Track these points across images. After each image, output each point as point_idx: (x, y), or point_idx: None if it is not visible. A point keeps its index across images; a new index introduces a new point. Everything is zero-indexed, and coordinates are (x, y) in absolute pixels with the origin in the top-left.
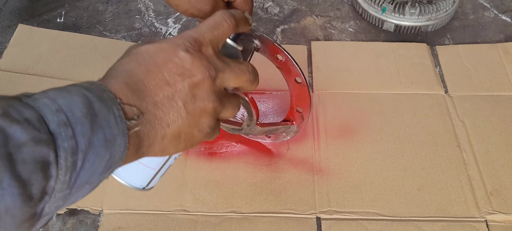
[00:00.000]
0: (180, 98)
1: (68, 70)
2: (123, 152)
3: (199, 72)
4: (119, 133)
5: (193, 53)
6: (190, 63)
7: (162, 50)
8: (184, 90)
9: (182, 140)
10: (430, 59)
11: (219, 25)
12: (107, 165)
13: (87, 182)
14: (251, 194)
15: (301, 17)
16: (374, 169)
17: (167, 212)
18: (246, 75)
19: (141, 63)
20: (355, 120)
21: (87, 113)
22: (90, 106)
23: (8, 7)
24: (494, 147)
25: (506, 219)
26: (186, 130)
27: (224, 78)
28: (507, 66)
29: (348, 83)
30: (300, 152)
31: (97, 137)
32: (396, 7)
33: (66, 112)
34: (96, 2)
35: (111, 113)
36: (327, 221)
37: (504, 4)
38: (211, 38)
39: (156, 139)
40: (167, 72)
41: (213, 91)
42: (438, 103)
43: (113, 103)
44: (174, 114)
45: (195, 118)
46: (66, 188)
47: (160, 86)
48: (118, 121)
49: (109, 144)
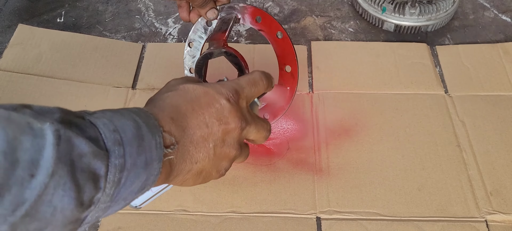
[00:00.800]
0: (212, 141)
1: (68, 70)
2: (156, 177)
3: (234, 122)
4: (157, 158)
5: (232, 103)
6: (229, 112)
7: (207, 94)
8: (218, 134)
9: (201, 177)
10: (430, 59)
11: (257, 84)
12: (142, 186)
13: (124, 199)
14: (251, 194)
15: (301, 17)
16: (374, 169)
17: (167, 212)
18: (265, 133)
19: (188, 102)
20: (355, 120)
21: (136, 136)
22: (139, 129)
23: (8, 7)
24: (494, 147)
25: (506, 219)
26: (208, 169)
27: (249, 131)
28: (507, 66)
29: (348, 83)
30: (300, 152)
31: (140, 159)
32: (396, 7)
33: (121, 133)
34: (96, 2)
35: (154, 139)
36: (327, 221)
37: (504, 4)
38: (247, 94)
39: (182, 171)
40: (208, 115)
41: (238, 140)
42: (438, 103)
43: (157, 130)
44: (204, 153)
45: (219, 161)
46: (109, 200)
47: (200, 126)
48: (158, 147)
49: (148, 167)
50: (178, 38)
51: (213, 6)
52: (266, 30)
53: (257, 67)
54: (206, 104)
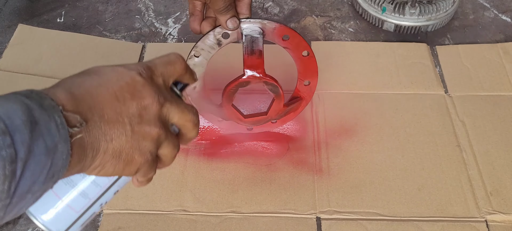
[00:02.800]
0: (127, 116)
1: (68, 70)
2: (66, 160)
3: (149, 95)
4: (61, 140)
5: (145, 77)
6: (141, 85)
7: (116, 71)
8: (132, 109)
9: (122, 160)
10: (430, 59)
11: (172, 62)
12: (50, 174)
13: (28, 192)
14: (251, 194)
15: (301, 17)
16: (374, 169)
17: (167, 212)
18: (190, 115)
19: (93, 78)
20: (355, 119)
21: (27, 121)
22: (29, 113)
23: (8, 7)
24: (494, 147)
25: (506, 219)
26: (128, 150)
27: (170, 110)
28: (507, 66)
29: (348, 83)
30: (300, 152)
31: (37, 145)
32: (396, 7)
33: (5, 120)
34: (96, 2)
35: (52, 120)
36: (327, 221)
37: (504, 4)
38: (162, 71)
39: (98, 151)
40: (118, 89)
41: (159, 117)
42: (438, 103)
43: (54, 110)
44: (119, 129)
45: (138, 140)
46: (6, 197)
47: (109, 101)
48: (60, 128)
49: (50, 152)
50: (178, 38)
51: (234, 15)
52: (292, 48)
53: None
54: (116, 79)
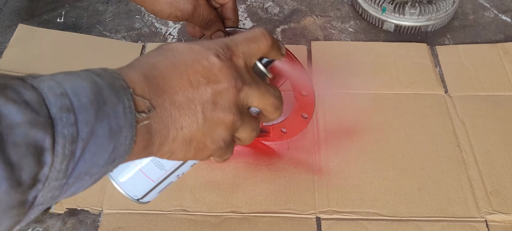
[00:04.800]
0: (200, 103)
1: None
2: (129, 146)
3: (226, 80)
4: (127, 124)
5: (223, 59)
6: (218, 68)
7: (192, 50)
8: (206, 95)
9: (192, 147)
10: (430, 59)
11: (256, 39)
12: (111, 158)
13: (87, 173)
14: (251, 194)
15: (301, 17)
16: (374, 169)
17: (167, 212)
18: (272, 98)
19: (168, 58)
20: (355, 119)
21: (94, 100)
22: (98, 93)
23: (8, 7)
24: (494, 147)
25: (506, 219)
26: (199, 137)
27: (249, 94)
28: (507, 66)
29: (348, 83)
30: (300, 152)
31: (101, 126)
32: (396, 7)
33: (71, 97)
34: (96, 2)
35: (120, 102)
36: (327, 221)
37: (504, 4)
38: (244, 50)
39: (166, 139)
40: (192, 73)
41: (235, 103)
42: (438, 103)
43: (124, 92)
44: (190, 117)
45: (211, 127)
46: (62, 177)
47: (182, 86)
48: (127, 112)
49: (113, 135)
50: (178, 38)
51: (219, 29)
52: (293, 86)
53: None
54: (191, 61)
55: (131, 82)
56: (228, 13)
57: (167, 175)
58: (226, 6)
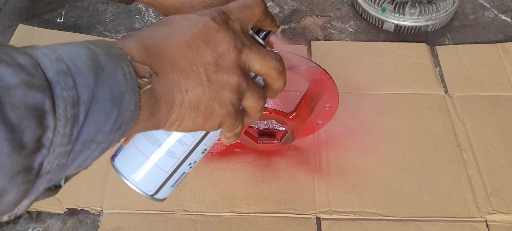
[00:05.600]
0: (201, 65)
1: None
2: (134, 112)
3: (225, 41)
4: (128, 89)
5: (219, 23)
6: (216, 31)
7: (187, 18)
8: (206, 57)
9: (200, 112)
10: (430, 59)
11: (250, 5)
12: (117, 125)
13: (92, 140)
14: (251, 194)
15: (301, 17)
16: (374, 169)
17: (167, 212)
18: (274, 61)
19: (163, 28)
20: (355, 119)
21: (92, 66)
22: (95, 59)
23: (8, 7)
24: (494, 147)
25: (506, 219)
26: (206, 101)
27: (250, 56)
28: (507, 66)
29: (348, 83)
30: (300, 152)
31: (102, 91)
32: (396, 7)
33: (67, 62)
34: (96, 2)
35: (119, 68)
36: (327, 221)
37: (504, 4)
38: (239, 16)
39: (173, 104)
40: (190, 37)
41: (238, 64)
42: (438, 103)
43: (122, 59)
44: (194, 79)
45: (217, 89)
46: (68, 142)
47: (181, 50)
48: (128, 77)
49: (116, 100)
50: None
51: None
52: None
53: None
54: (187, 27)
55: (128, 50)
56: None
57: (180, 163)
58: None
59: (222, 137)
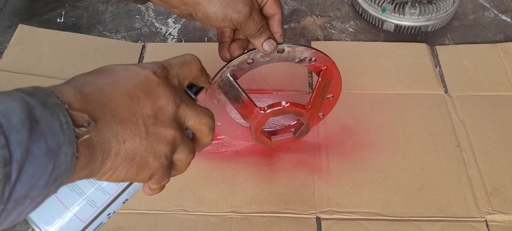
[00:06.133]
0: (141, 117)
1: (68, 70)
2: (71, 163)
3: (165, 95)
4: (66, 141)
5: (160, 77)
6: (156, 84)
7: (129, 69)
8: (146, 109)
9: (135, 164)
10: (430, 59)
11: (188, 63)
12: (52, 178)
13: (26, 197)
14: (251, 194)
15: (301, 17)
16: (374, 169)
17: (167, 212)
18: (206, 118)
19: (105, 76)
20: (355, 120)
21: (26, 120)
22: (30, 111)
23: (8, 7)
24: (494, 147)
25: (506, 219)
26: (142, 152)
27: (186, 112)
28: (507, 66)
29: (348, 83)
30: (300, 152)
31: (37, 146)
32: (396, 7)
33: (0, 118)
34: (96, 2)
35: (56, 119)
36: (327, 221)
37: (504, 4)
38: (178, 72)
39: (109, 153)
40: (131, 88)
41: (175, 119)
42: (438, 103)
43: (59, 109)
44: (132, 130)
45: (153, 142)
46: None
47: (122, 100)
48: (65, 128)
49: (52, 153)
50: (178, 38)
51: (270, 36)
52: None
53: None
54: (129, 77)
55: (66, 98)
56: (275, 26)
57: (99, 213)
58: (274, 18)
59: (145, 188)
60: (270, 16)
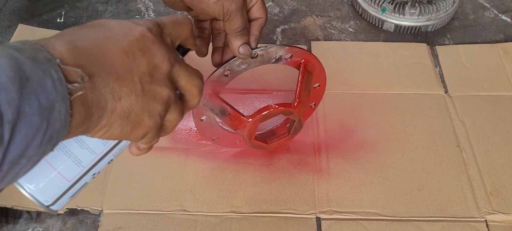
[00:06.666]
0: (137, 74)
1: None
2: (65, 120)
3: (160, 53)
4: (58, 98)
5: (155, 34)
6: (152, 42)
7: (124, 25)
8: (142, 66)
9: (130, 121)
10: (430, 59)
11: (181, 23)
12: (47, 136)
13: (22, 157)
14: (251, 194)
15: (301, 17)
16: (374, 169)
17: (167, 212)
18: (197, 79)
19: (99, 30)
20: (355, 119)
21: (15, 77)
22: (19, 69)
23: (8, 7)
24: (494, 147)
25: (506, 219)
26: (137, 110)
27: (179, 71)
28: (507, 66)
29: (348, 83)
30: (300, 152)
31: (29, 104)
32: (396, 7)
33: None
34: (96, 2)
35: (47, 76)
36: (327, 221)
37: (504, 4)
38: (171, 31)
39: (105, 110)
40: (127, 44)
41: (169, 78)
42: (438, 103)
43: (50, 64)
44: (128, 87)
45: (149, 100)
46: None
47: (118, 55)
48: (57, 84)
49: (45, 111)
50: None
51: (247, 41)
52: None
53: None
54: (124, 33)
55: (58, 53)
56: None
57: (85, 173)
58: (258, 21)
59: (133, 148)
60: (255, 19)
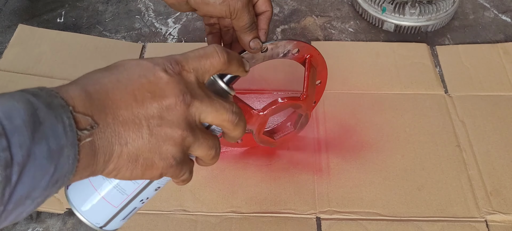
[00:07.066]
0: (144, 118)
1: (68, 70)
2: (72, 165)
3: (173, 94)
4: (68, 143)
5: (171, 74)
6: (165, 83)
7: (140, 65)
8: (151, 109)
9: (139, 165)
10: (430, 59)
11: (208, 55)
12: (53, 179)
13: (27, 197)
14: (251, 194)
15: (301, 17)
16: (374, 169)
17: (167, 212)
18: (228, 114)
19: (113, 73)
20: (355, 120)
21: (29, 121)
22: (34, 113)
23: (8, 7)
24: (494, 147)
25: (506, 219)
26: (146, 154)
27: (201, 109)
28: (507, 66)
29: (348, 83)
30: (300, 152)
31: (39, 148)
32: (396, 7)
33: (2, 120)
34: (96, 2)
35: (59, 121)
36: (327, 221)
37: (504, 4)
38: (195, 66)
39: (111, 156)
40: (137, 88)
41: (185, 118)
42: (438, 103)
43: (63, 110)
44: (134, 132)
45: (158, 143)
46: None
47: (126, 101)
48: (68, 130)
49: (54, 156)
50: (178, 38)
51: (257, 35)
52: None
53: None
54: (137, 76)
55: (71, 99)
56: (263, 23)
57: (130, 200)
58: (265, 15)
59: (173, 181)
60: (261, 13)
